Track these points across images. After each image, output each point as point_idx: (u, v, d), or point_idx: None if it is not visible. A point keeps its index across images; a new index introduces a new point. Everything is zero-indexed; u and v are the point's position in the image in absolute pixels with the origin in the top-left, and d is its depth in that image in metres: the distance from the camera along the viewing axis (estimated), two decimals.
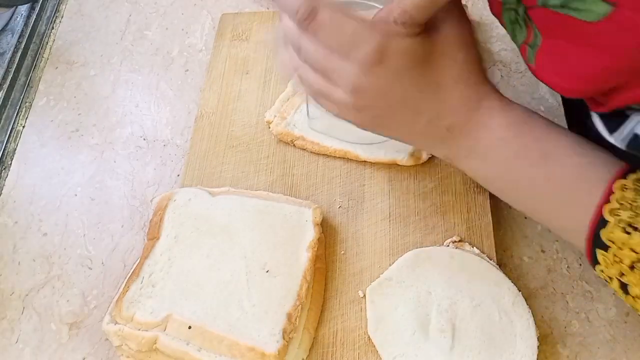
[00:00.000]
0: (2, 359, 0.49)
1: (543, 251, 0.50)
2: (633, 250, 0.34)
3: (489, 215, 0.50)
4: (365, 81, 0.40)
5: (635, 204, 0.35)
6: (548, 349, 0.45)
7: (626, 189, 0.35)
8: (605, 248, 0.35)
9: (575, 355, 0.45)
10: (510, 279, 0.46)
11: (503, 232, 0.51)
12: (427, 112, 0.42)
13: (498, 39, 0.64)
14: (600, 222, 0.36)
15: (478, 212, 0.51)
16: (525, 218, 0.52)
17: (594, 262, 0.37)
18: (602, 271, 0.37)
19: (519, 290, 0.46)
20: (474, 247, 0.49)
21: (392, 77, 0.41)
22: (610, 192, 0.36)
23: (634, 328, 0.46)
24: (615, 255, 0.35)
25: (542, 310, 0.47)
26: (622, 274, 0.35)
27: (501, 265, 0.49)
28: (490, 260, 0.48)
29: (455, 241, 0.49)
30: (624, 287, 0.35)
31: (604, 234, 0.35)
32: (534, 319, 0.44)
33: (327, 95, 0.42)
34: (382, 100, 0.41)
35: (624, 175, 0.36)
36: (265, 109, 0.60)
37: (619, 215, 0.35)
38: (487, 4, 0.45)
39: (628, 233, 0.34)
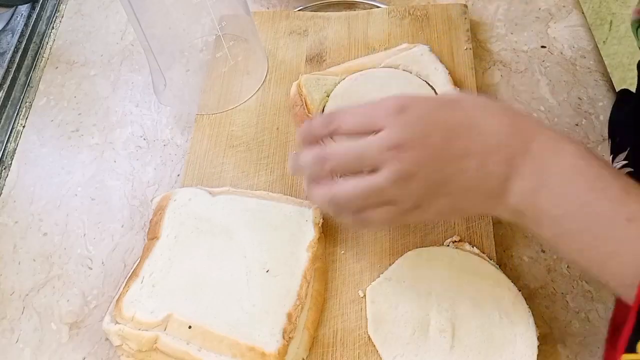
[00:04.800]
0: (2, 359, 0.49)
1: (543, 251, 0.50)
2: None
3: (489, 215, 0.50)
4: (396, 133, 0.38)
5: None
6: (548, 349, 0.45)
7: None
8: None
9: (575, 355, 0.45)
10: (510, 279, 0.46)
11: (503, 232, 0.51)
12: (476, 151, 0.37)
13: (498, 39, 0.64)
14: None
15: None
16: None
17: None
18: None
19: (519, 290, 0.46)
20: (474, 247, 0.49)
21: (420, 122, 0.38)
22: None
23: None
24: None
25: (542, 310, 0.47)
26: None
27: (501, 265, 0.49)
28: (490, 260, 0.48)
29: (455, 241, 0.49)
30: None
31: None
32: (534, 319, 0.44)
33: (370, 189, 0.39)
34: (422, 151, 0.37)
35: None
36: (266, 109, 0.61)
37: None
38: (487, 3, 0.44)
39: None
